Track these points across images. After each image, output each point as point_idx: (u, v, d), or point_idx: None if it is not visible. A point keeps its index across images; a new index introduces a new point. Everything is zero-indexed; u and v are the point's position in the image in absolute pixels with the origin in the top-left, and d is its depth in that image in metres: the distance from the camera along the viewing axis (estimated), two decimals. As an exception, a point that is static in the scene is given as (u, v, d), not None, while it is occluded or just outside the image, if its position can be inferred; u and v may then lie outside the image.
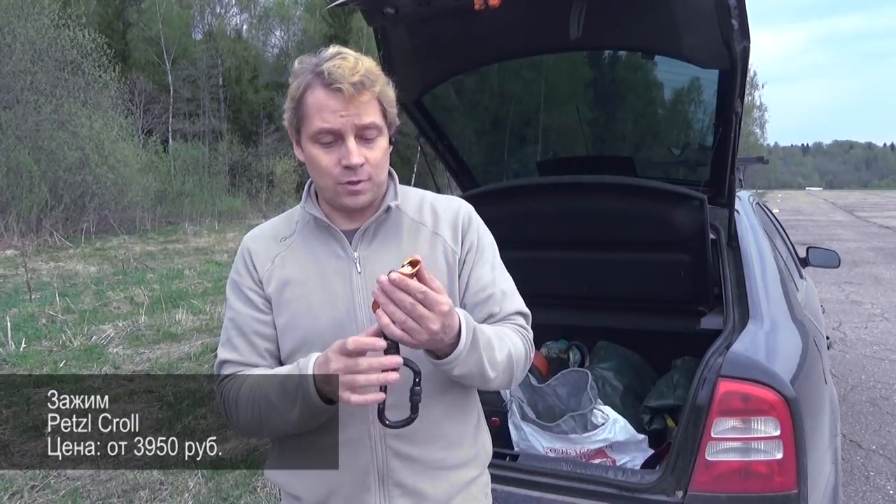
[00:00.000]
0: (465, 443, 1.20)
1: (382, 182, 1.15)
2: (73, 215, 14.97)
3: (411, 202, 1.22)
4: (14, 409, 4.46)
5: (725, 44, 1.83)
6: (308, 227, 1.19)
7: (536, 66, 2.79)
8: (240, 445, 4.06)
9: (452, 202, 1.24)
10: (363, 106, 1.06)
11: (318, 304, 1.13)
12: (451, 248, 1.18)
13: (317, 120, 1.07)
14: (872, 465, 3.43)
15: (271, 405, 1.07)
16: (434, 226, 1.19)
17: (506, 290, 1.20)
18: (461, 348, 1.00)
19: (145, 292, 7.67)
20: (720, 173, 2.36)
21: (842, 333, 6.18)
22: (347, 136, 1.07)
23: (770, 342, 1.87)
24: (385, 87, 1.10)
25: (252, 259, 1.19)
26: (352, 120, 1.06)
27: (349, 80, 1.03)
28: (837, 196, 55.45)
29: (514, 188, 2.54)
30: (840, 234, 17.08)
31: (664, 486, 1.67)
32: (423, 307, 0.92)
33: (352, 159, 1.06)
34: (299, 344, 1.13)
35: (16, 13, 14.63)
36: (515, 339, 1.14)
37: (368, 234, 1.16)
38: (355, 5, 1.90)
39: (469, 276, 1.18)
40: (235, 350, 1.19)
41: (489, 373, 1.06)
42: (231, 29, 32.00)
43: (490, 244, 1.23)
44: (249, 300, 1.18)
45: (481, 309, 1.17)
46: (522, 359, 1.14)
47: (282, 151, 27.42)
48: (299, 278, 1.15)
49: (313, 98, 1.07)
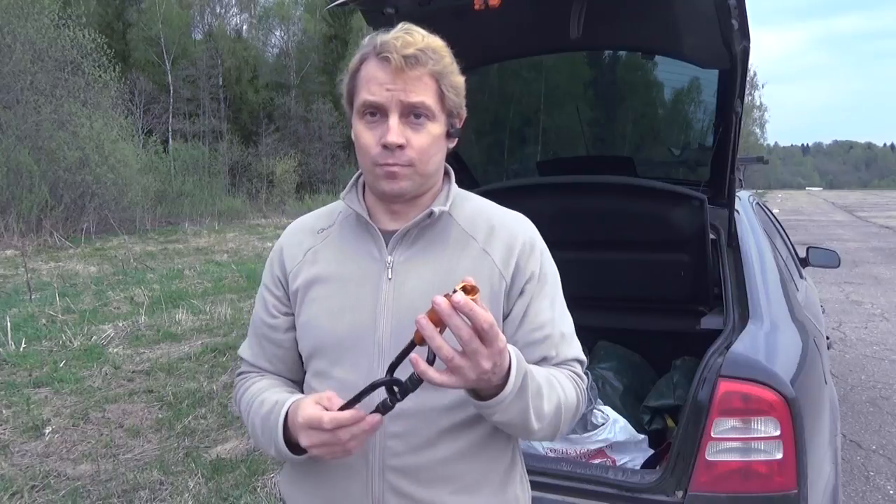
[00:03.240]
0: (486, 490, 1.04)
1: (428, 174, 1.03)
2: (73, 215, 14.96)
3: (466, 210, 1.10)
4: (14, 409, 4.49)
5: (725, 44, 1.83)
6: (347, 222, 1.10)
7: (536, 66, 2.79)
8: (240, 445, 4.08)
9: (515, 220, 1.11)
10: (413, 82, 0.96)
11: (340, 307, 1.04)
12: (500, 272, 1.04)
13: (364, 92, 0.98)
14: (872, 465, 3.43)
15: (257, 435, 1.05)
16: (485, 242, 1.06)
17: (565, 333, 1.06)
18: (507, 393, 0.87)
19: (145, 292, 7.67)
20: (720, 173, 2.36)
21: (842, 333, 6.19)
22: (391, 112, 0.97)
23: (770, 342, 1.87)
24: (450, 70, 1.00)
25: (282, 254, 1.13)
26: (398, 95, 0.96)
27: (401, 52, 0.94)
28: (837, 196, 55.44)
29: (514, 188, 2.54)
30: (840, 234, 17.08)
31: (664, 486, 1.67)
32: (480, 341, 0.79)
33: (389, 137, 0.96)
34: (315, 347, 1.07)
35: (16, 13, 14.61)
36: (569, 388, 1.02)
37: (409, 239, 1.05)
38: (355, 5, 1.90)
39: (526, 310, 1.04)
40: (249, 349, 1.17)
41: (533, 424, 0.94)
42: (231, 29, 31.98)
43: (553, 276, 1.09)
44: (264, 301, 1.14)
45: (534, 350, 1.03)
46: (572, 411, 1.02)
47: (282, 151, 27.43)
48: (327, 277, 1.07)
49: (365, 69, 0.99)
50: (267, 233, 16.81)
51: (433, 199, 1.08)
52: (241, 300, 7.47)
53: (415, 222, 1.04)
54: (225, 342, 5.63)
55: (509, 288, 1.04)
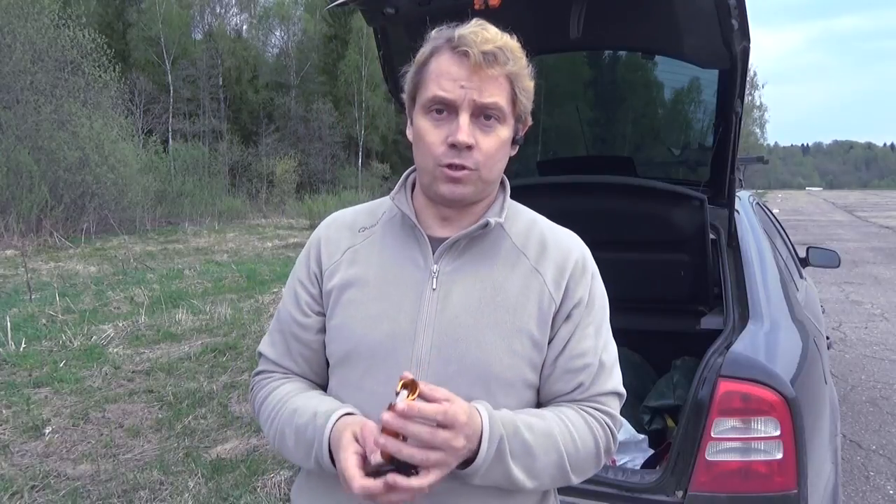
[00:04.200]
0: None
1: (491, 181, 0.98)
2: (73, 215, 14.95)
3: (519, 224, 1.04)
4: (14, 409, 4.50)
5: (725, 44, 1.82)
6: (392, 223, 1.04)
7: (536, 66, 2.79)
8: (240, 445, 4.08)
9: (568, 239, 1.06)
10: (489, 81, 0.91)
11: (377, 314, 0.98)
12: (551, 293, 0.98)
13: (433, 86, 0.92)
14: (872, 465, 3.43)
15: (287, 447, 0.98)
16: (537, 260, 1.00)
17: (605, 363, 1.00)
18: (479, 463, 0.85)
19: (145, 292, 7.66)
20: (720, 173, 2.36)
21: (842, 333, 6.19)
22: (462, 110, 0.91)
23: (770, 342, 1.87)
24: (523, 73, 0.96)
25: (320, 247, 1.06)
26: (471, 94, 0.91)
27: (480, 48, 0.90)
28: (837, 196, 55.45)
29: (514, 188, 2.54)
30: (840, 234, 17.08)
31: (664, 486, 1.67)
32: (444, 429, 0.79)
33: (459, 136, 0.90)
34: (347, 354, 1.00)
35: (16, 13, 14.61)
36: (584, 435, 0.95)
37: (458, 248, 0.99)
38: (355, 5, 1.90)
39: (571, 336, 0.98)
40: (273, 346, 1.09)
41: (524, 483, 0.90)
42: (231, 29, 31.98)
43: (601, 301, 1.04)
44: (296, 297, 1.06)
45: (572, 378, 0.98)
46: (587, 460, 0.97)
47: (282, 151, 27.44)
48: (365, 280, 1.00)
49: (436, 63, 0.93)
50: (267, 233, 16.81)
51: (486, 208, 1.02)
52: (241, 300, 7.47)
53: (467, 232, 0.98)
54: (225, 342, 5.63)
55: (557, 310, 0.98)
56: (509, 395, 0.96)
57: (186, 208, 20.20)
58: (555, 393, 1.00)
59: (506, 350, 0.95)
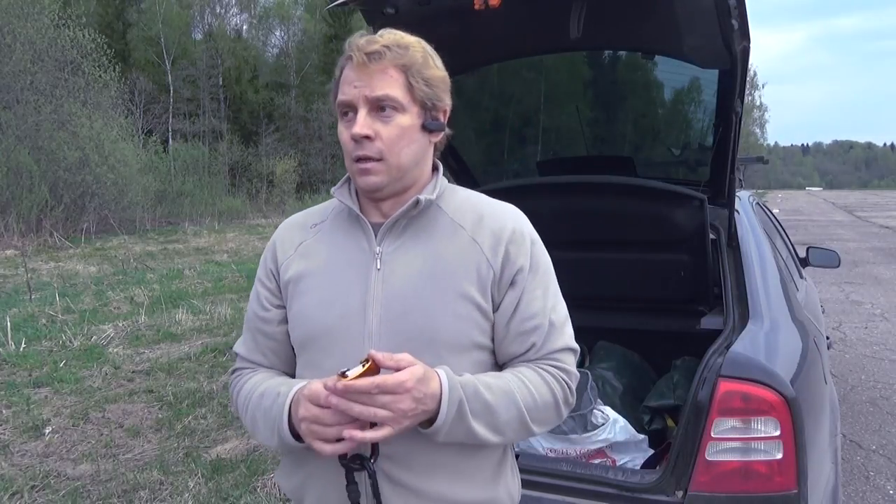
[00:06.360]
0: (479, 480, 1.06)
1: (403, 167, 1.04)
2: (73, 215, 14.96)
3: (455, 200, 1.11)
4: (14, 409, 4.49)
5: (725, 44, 1.83)
6: (339, 217, 1.13)
7: (536, 66, 2.79)
8: (240, 445, 4.07)
9: (503, 210, 1.11)
10: (378, 76, 0.99)
11: (329, 298, 1.06)
12: (488, 260, 1.04)
13: (339, 93, 1.03)
14: (872, 465, 3.43)
15: (257, 427, 1.06)
16: (474, 231, 1.06)
17: (555, 322, 1.07)
18: (440, 423, 0.93)
19: (145, 292, 7.67)
20: (720, 173, 2.36)
21: (842, 333, 6.19)
22: (359, 107, 1.00)
23: (770, 342, 1.87)
24: (420, 63, 1.02)
25: (275, 247, 1.16)
26: (363, 91, 0.99)
27: (364, 50, 0.99)
28: (837, 196, 55.43)
29: (514, 188, 2.54)
30: (840, 234, 17.08)
31: (664, 486, 1.67)
32: (387, 395, 0.88)
33: (355, 129, 0.99)
34: (306, 338, 1.08)
35: (16, 13, 14.62)
36: (541, 388, 1.02)
37: (397, 229, 1.06)
38: (355, 5, 1.90)
39: (518, 301, 1.05)
40: (244, 344, 1.19)
41: (489, 438, 0.98)
42: (231, 29, 31.96)
43: (546, 265, 1.10)
44: (257, 295, 1.16)
45: (525, 340, 1.05)
46: (547, 410, 1.03)
47: (282, 151, 27.42)
48: (317, 269, 1.09)
49: (341, 74, 1.04)
50: (267, 233, 16.80)
51: (419, 191, 1.09)
52: (241, 300, 7.47)
53: (402, 212, 1.05)
54: (225, 342, 5.63)
55: (498, 278, 1.05)
56: (461, 358, 1.03)
57: (186, 208, 20.21)
58: (511, 355, 1.07)
59: (451, 314, 1.02)
